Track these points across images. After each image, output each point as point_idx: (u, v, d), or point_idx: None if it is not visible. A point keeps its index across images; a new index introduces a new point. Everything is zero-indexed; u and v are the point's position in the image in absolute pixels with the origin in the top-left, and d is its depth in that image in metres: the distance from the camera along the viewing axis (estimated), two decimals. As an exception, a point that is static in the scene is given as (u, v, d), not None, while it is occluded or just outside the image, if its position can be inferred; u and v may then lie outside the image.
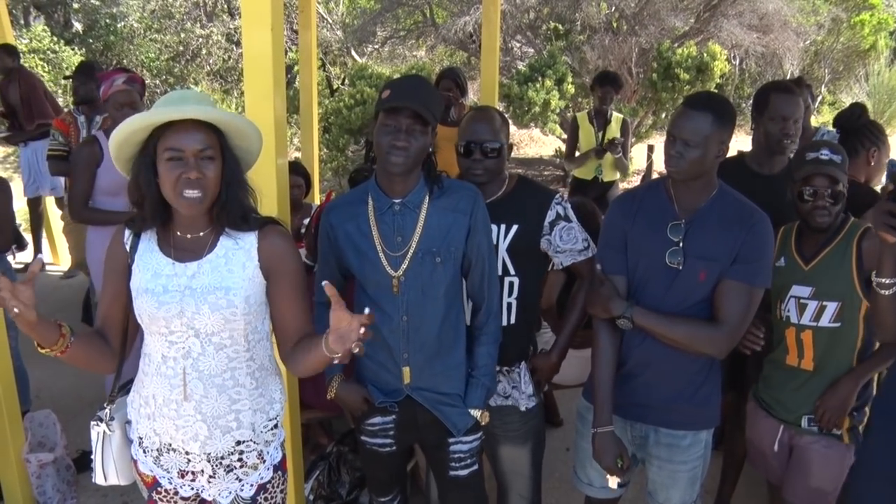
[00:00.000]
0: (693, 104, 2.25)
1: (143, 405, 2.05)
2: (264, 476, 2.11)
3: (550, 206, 2.58)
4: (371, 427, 2.52)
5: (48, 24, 16.47)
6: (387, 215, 2.31)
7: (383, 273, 2.31)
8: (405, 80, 2.30)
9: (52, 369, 4.88)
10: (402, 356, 2.37)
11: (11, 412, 3.52)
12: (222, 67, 16.91)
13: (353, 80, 10.18)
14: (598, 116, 6.18)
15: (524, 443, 2.76)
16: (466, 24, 11.87)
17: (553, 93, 9.70)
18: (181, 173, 1.81)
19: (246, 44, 2.57)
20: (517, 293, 2.61)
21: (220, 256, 1.95)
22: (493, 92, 5.23)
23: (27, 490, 3.61)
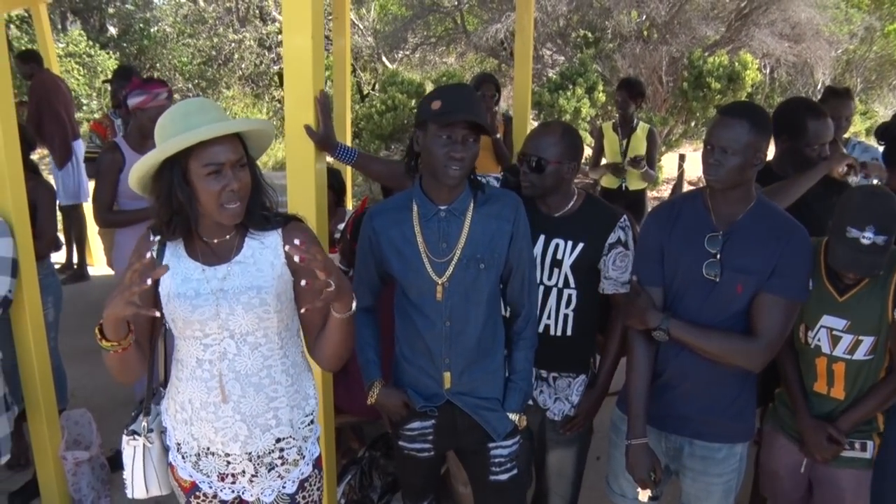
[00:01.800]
0: (729, 112, 2.25)
1: (178, 411, 2.07)
2: (304, 471, 2.14)
3: (615, 228, 2.60)
4: (410, 432, 2.52)
5: (84, 28, 16.71)
6: (432, 222, 2.32)
7: (427, 279, 2.32)
8: (455, 90, 2.31)
9: (85, 369, 4.97)
10: (444, 361, 2.38)
11: (49, 410, 3.58)
12: (254, 72, 17.06)
13: (384, 85, 10.23)
14: (622, 126, 6.16)
15: (572, 446, 2.79)
16: (498, 31, 11.89)
17: (584, 101, 9.69)
18: (224, 186, 1.84)
19: (286, 50, 2.61)
20: (575, 304, 2.64)
21: (248, 257, 1.97)
22: (526, 99, 5.22)
23: (63, 487, 3.67)
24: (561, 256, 2.60)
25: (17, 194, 3.29)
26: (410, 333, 2.41)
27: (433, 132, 2.21)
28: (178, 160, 1.84)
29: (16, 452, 3.68)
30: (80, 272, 7.24)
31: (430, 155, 2.23)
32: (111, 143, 4.03)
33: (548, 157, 2.53)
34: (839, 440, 2.42)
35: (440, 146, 2.20)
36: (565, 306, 2.64)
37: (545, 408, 2.74)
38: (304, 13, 2.50)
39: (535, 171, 2.55)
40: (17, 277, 3.24)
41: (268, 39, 16.98)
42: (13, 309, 3.34)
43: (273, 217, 2.01)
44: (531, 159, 2.55)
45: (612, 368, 2.77)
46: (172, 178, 1.85)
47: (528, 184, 2.58)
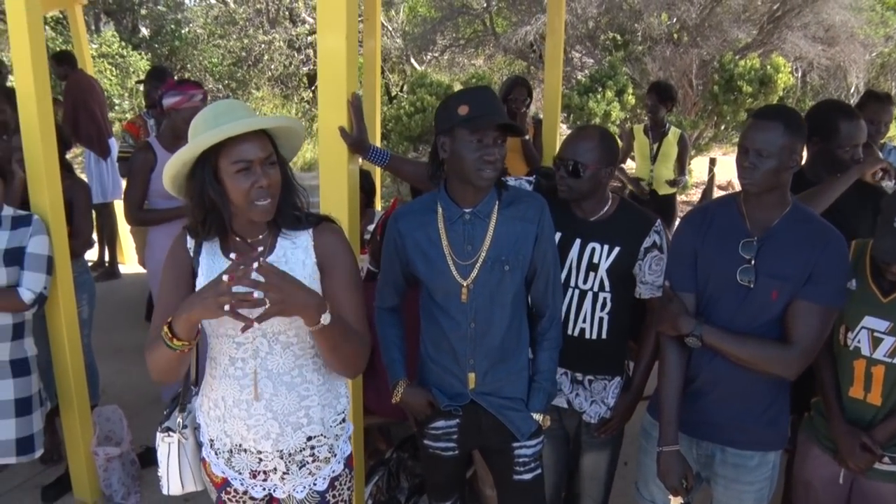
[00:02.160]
0: (763, 115, 2.23)
1: (212, 408, 2.09)
2: (336, 469, 2.15)
3: (649, 232, 2.60)
4: (434, 431, 2.54)
5: (117, 29, 16.92)
6: (457, 224, 2.34)
7: (452, 281, 2.33)
8: (478, 94, 2.30)
9: (116, 366, 5.04)
10: (468, 362, 2.39)
11: (82, 406, 3.64)
12: (283, 73, 17.16)
13: (412, 87, 10.24)
14: (653, 129, 6.13)
15: (606, 449, 2.81)
16: (528, 33, 11.87)
17: (614, 104, 9.65)
18: (253, 182, 1.85)
19: (321, 51, 2.62)
20: (609, 308, 2.64)
21: (280, 257, 1.98)
22: (556, 102, 5.22)
23: (94, 482, 3.72)
24: (597, 260, 2.61)
25: (53, 193, 3.34)
26: (435, 334, 2.43)
27: (463, 137, 2.21)
28: (209, 159, 1.86)
29: (49, 447, 3.72)
30: (111, 270, 7.32)
31: (460, 160, 2.23)
32: (144, 142, 4.08)
33: (586, 162, 2.53)
34: (873, 450, 2.38)
35: (472, 150, 2.20)
36: (600, 309, 2.65)
37: (581, 411, 2.74)
38: (339, 14, 2.51)
39: (572, 175, 2.55)
40: (52, 275, 3.28)
41: (297, 41, 17.08)
42: (48, 306, 3.39)
43: (305, 217, 2.02)
44: (569, 163, 2.55)
45: (646, 371, 2.77)
46: (204, 177, 1.87)
47: (566, 188, 2.57)
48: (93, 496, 3.73)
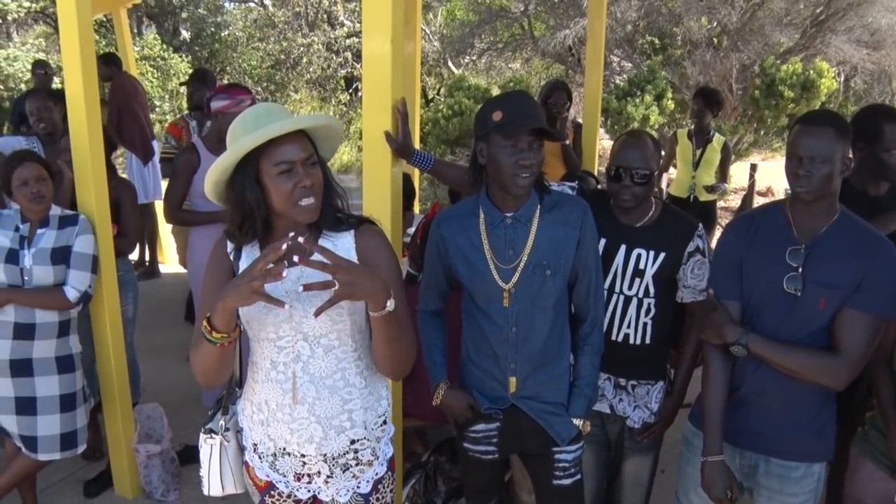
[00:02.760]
0: (813, 121, 2.19)
1: (255, 412, 2.09)
2: (379, 472, 2.14)
3: (693, 237, 2.60)
4: (475, 434, 2.54)
5: (159, 32, 17.17)
6: (499, 228, 2.33)
7: (494, 285, 2.33)
8: (513, 98, 2.29)
9: (156, 365, 5.10)
10: (510, 366, 2.39)
11: (124, 404, 3.69)
12: (321, 76, 17.29)
13: (450, 90, 10.27)
14: (697, 134, 6.08)
15: (648, 454, 2.80)
16: (566, 37, 11.82)
17: (652, 108, 9.59)
18: (296, 183, 1.85)
19: (366, 55, 2.64)
20: (654, 313, 2.64)
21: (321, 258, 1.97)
22: (596, 106, 5.19)
23: (135, 478, 3.77)
24: (643, 266, 2.60)
25: (99, 193, 3.39)
26: (477, 337, 2.43)
27: (498, 143, 2.21)
28: (250, 162, 1.85)
29: (91, 444, 3.77)
30: (151, 269, 7.42)
31: (497, 165, 2.23)
32: (189, 143, 4.12)
33: (648, 169, 2.54)
34: None
35: (507, 156, 2.20)
36: (645, 315, 2.64)
37: (625, 416, 2.72)
38: (384, 18, 2.53)
39: (639, 183, 2.53)
40: (97, 274, 3.33)
41: (335, 44, 17.20)
42: (92, 305, 3.45)
43: (346, 219, 2.02)
44: (636, 172, 2.53)
45: (687, 376, 2.75)
46: (244, 181, 1.87)
47: (630, 196, 2.55)
48: (133, 492, 3.78)
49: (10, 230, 3.20)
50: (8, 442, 3.36)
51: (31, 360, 3.19)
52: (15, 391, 3.18)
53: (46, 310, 3.19)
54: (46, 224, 3.24)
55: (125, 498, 3.78)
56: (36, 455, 3.23)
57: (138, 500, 3.78)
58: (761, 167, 9.16)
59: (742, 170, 9.87)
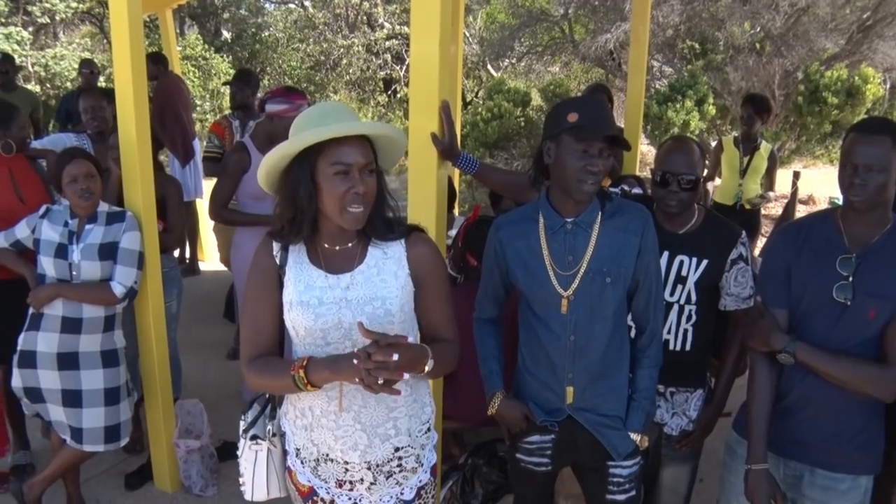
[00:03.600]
0: (868, 129, 2.15)
1: (299, 416, 2.08)
2: (422, 479, 2.13)
3: (736, 244, 2.58)
4: (528, 445, 2.49)
5: (201, 32, 17.40)
6: (559, 234, 2.30)
7: (553, 292, 2.29)
8: (590, 103, 2.27)
9: (195, 361, 5.16)
10: (567, 376, 2.34)
11: (165, 399, 3.74)
12: (360, 77, 17.38)
13: (489, 93, 10.26)
14: (744, 141, 6.01)
15: (687, 462, 2.78)
16: (607, 41, 11.75)
17: (693, 113, 9.50)
18: (349, 188, 1.83)
19: (413, 57, 2.64)
20: (694, 320, 2.62)
21: (371, 267, 1.96)
22: (639, 111, 5.16)
23: (175, 472, 3.82)
24: (685, 273, 2.58)
25: (146, 191, 3.44)
26: (534, 345, 2.38)
27: (569, 145, 2.18)
28: (308, 157, 1.84)
29: (132, 437, 3.82)
30: (191, 267, 7.51)
31: (563, 168, 2.20)
32: (240, 143, 4.15)
33: (694, 175, 2.53)
34: None
35: (576, 159, 2.17)
36: (686, 321, 2.62)
37: (662, 423, 2.70)
38: (433, 21, 2.53)
39: (685, 188, 2.52)
40: (143, 270, 3.38)
41: (375, 45, 17.29)
42: (137, 300, 3.49)
43: (396, 227, 2.00)
44: (682, 177, 2.52)
45: (728, 384, 2.73)
46: (300, 175, 1.85)
47: (677, 202, 2.54)
48: (172, 486, 3.83)
49: (60, 226, 3.27)
50: (53, 433, 3.42)
51: (78, 353, 3.25)
52: (62, 384, 3.24)
53: (93, 304, 3.25)
54: (95, 220, 3.30)
55: (164, 492, 3.83)
56: (80, 446, 3.28)
57: (177, 494, 3.82)
58: (803, 175, 9.03)
59: (783, 177, 9.72)
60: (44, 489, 3.43)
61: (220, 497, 3.80)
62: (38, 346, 3.22)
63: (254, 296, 2.01)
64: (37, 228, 3.29)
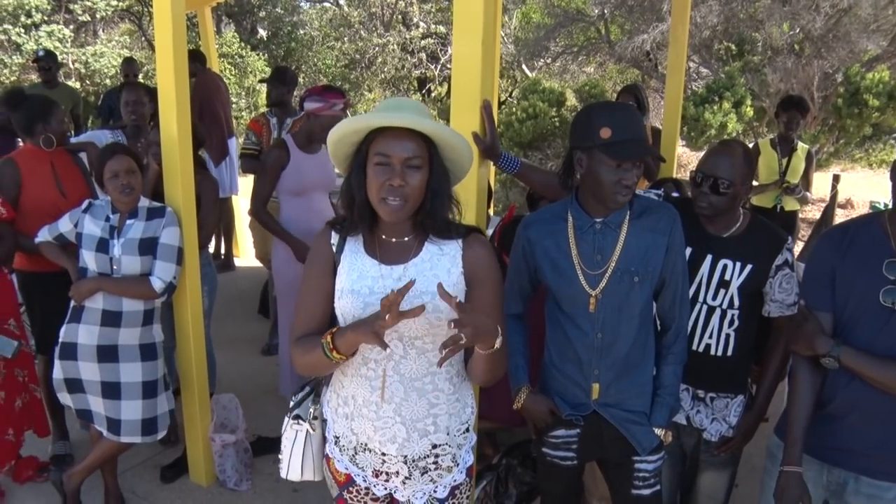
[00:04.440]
0: None
1: (341, 405, 2.10)
2: (457, 479, 2.13)
3: (782, 250, 2.56)
4: (554, 439, 2.52)
5: (237, 30, 17.54)
6: (587, 234, 2.31)
7: (581, 290, 2.31)
8: (622, 116, 2.24)
9: (229, 356, 5.20)
10: (593, 372, 2.37)
11: (202, 393, 3.77)
12: (395, 76, 17.42)
13: (524, 93, 10.22)
14: (782, 143, 5.95)
15: (725, 468, 2.76)
16: (644, 42, 11.66)
17: (730, 115, 9.40)
18: (386, 179, 1.84)
19: (455, 55, 2.64)
20: (737, 325, 2.60)
21: (425, 261, 1.96)
22: (677, 113, 5.11)
23: (210, 466, 3.85)
24: (729, 277, 2.56)
25: (186, 187, 3.47)
26: (561, 342, 2.41)
27: (602, 160, 2.19)
28: (363, 147, 1.89)
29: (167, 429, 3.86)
30: (226, 263, 7.57)
31: (596, 180, 2.21)
32: (280, 140, 4.17)
33: (730, 179, 2.49)
34: None
35: (610, 174, 2.18)
36: (728, 326, 2.60)
37: (702, 428, 2.68)
38: (476, 19, 2.52)
39: (715, 192, 2.50)
40: (181, 265, 3.41)
41: (410, 44, 17.32)
42: (175, 295, 3.52)
43: (454, 226, 1.99)
44: (711, 180, 2.50)
45: (770, 391, 2.70)
46: (355, 162, 1.91)
47: (706, 204, 2.53)
48: (207, 480, 3.86)
49: (102, 220, 3.31)
50: (92, 426, 3.47)
51: (117, 346, 3.29)
52: (101, 376, 3.28)
53: (133, 298, 3.29)
54: (135, 215, 3.34)
55: (199, 485, 3.87)
56: (118, 438, 3.32)
57: (212, 488, 3.85)
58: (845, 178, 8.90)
59: (822, 180, 9.58)
60: (82, 479, 3.48)
61: (255, 492, 3.82)
62: (78, 338, 3.27)
63: (309, 282, 2.05)
64: (79, 223, 3.33)
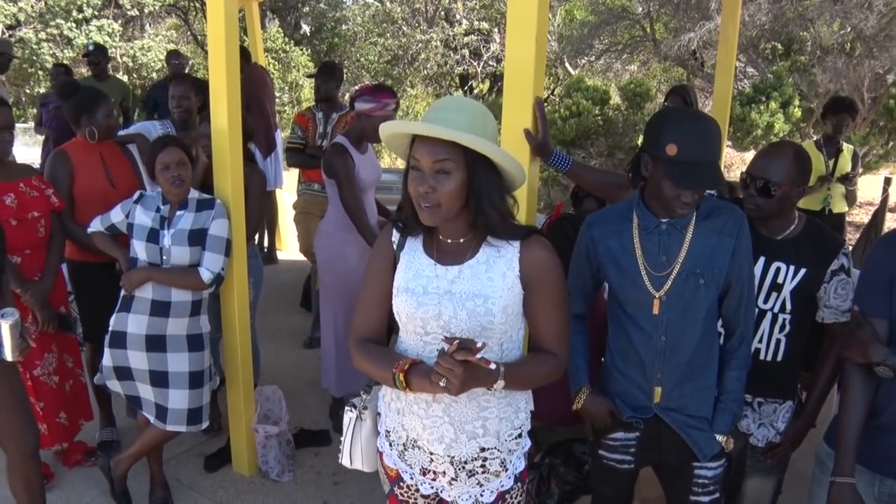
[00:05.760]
0: None
1: (394, 399, 2.10)
2: (505, 484, 2.10)
3: (838, 254, 2.50)
4: (612, 442, 2.49)
5: (281, 25, 17.68)
6: (653, 234, 2.27)
7: (645, 292, 2.28)
8: (694, 133, 2.16)
9: (272, 348, 5.24)
10: (656, 376, 2.33)
11: (246, 385, 3.81)
12: (437, 73, 17.43)
13: (568, 91, 10.17)
14: (828, 144, 5.87)
15: (771, 474, 2.71)
16: (690, 41, 11.52)
17: (777, 116, 9.25)
18: (416, 185, 1.85)
19: (509, 52, 2.63)
20: (788, 330, 2.55)
21: (480, 263, 1.95)
22: (725, 113, 5.03)
23: (253, 457, 3.89)
24: (781, 281, 2.51)
25: (235, 180, 3.51)
26: (623, 344, 2.37)
27: (662, 173, 2.15)
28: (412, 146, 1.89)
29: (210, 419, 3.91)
30: (269, 256, 7.64)
31: (659, 189, 2.19)
32: (339, 145, 4.02)
33: (778, 181, 2.43)
34: None
35: (669, 188, 2.15)
36: (779, 331, 2.55)
37: (748, 433, 2.64)
38: (530, 16, 2.51)
39: (762, 194, 2.45)
40: (229, 257, 3.45)
41: (453, 41, 17.32)
42: (222, 287, 3.56)
43: (513, 228, 1.96)
44: (759, 182, 2.45)
45: (821, 398, 2.64)
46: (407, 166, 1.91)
47: (754, 206, 2.48)
48: (250, 471, 3.90)
49: (152, 211, 3.36)
50: (140, 413, 3.52)
51: (165, 336, 3.34)
52: (149, 365, 3.33)
53: (182, 289, 3.33)
54: (185, 206, 3.38)
55: (242, 475, 3.91)
56: (164, 426, 3.37)
57: (254, 478, 3.89)
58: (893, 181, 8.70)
59: (870, 183, 9.41)
60: (129, 466, 3.54)
61: (296, 483, 3.85)
62: (128, 327, 3.32)
63: (370, 278, 2.08)
64: (131, 213, 3.39)
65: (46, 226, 3.49)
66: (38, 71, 17.13)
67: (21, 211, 3.35)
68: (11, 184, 3.37)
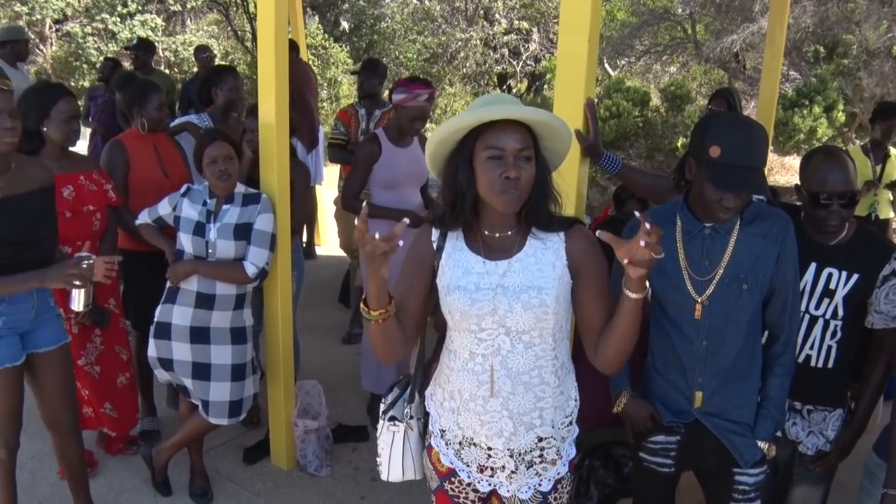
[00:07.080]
0: None
1: (447, 399, 2.11)
2: (561, 471, 2.12)
3: (890, 259, 2.47)
4: (653, 445, 2.48)
5: (321, 22, 17.75)
6: (696, 238, 2.27)
7: (687, 296, 2.27)
8: (737, 136, 2.16)
9: (311, 343, 5.25)
10: (697, 380, 2.32)
11: (287, 378, 3.84)
12: (476, 71, 17.41)
13: (608, 92, 10.11)
14: (875, 149, 5.77)
15: (820, 483, 2.69)
16: (733, 43, 11.39)
17: (821, 120, 9.13)
18: (501, 172, 1.84)
19: (561, 52, 2.63)
20: (840, 336, 2.53)
21: (529, 255, 1.96)
22: (771, 117, 4.97)
23: (292, 451, 3.92)
24: (834, 286, 2.48)
25: (281, 175, 3.53)
26: (665, 348, 2.37)
27: (706, 175, 2.15)
28: (468, 143, 1.89)
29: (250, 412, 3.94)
30: (308, 251, 7.67)
31: (701, 192, 2.18)
32: (372, 134, 4.17)
33: (852, 189, 2.42)
34: None
35: (711, 192, 2.15)
36: (830, 337, 2.52)
37: (797, 441, 2.61)
38: (583, 16, 2.51)
39: (847, 206, 2.42)
40: (274, 252, 3.47)
41: (493, 39, 17.28)
42: (266, 282, 3.59)
43: (556, 219, 1.99)
44: (842, 195, 2.41)
45: (871, 406, 2.61)
46: (459, 160, 1.90)
47: (839, 220, 2.44)
48: (288, 464, 3.93)
49: (199, 204, 3.39)
50: (182, 403, 3.57)
51: (209, 328, 3.37)
52: (192, 356, 3.37)
53: (226, 282, 3.36)
54: (231, 201, 3.41)
55: (280, 468, 3.93)
56: (206, 417, 3.40)
57: (292, 472, 3.92)
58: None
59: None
60: (171, 455, 3.59)
61: (334, 478, 3.88)
62: (173, 318, 3.36)
63: (406, 275, 2.08)
64: (178, 206, 3.43)
65: (102, 220, 3.53)
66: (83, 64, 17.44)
67: (77, 204, 3.39)
68: (72, 175, 3.41)
